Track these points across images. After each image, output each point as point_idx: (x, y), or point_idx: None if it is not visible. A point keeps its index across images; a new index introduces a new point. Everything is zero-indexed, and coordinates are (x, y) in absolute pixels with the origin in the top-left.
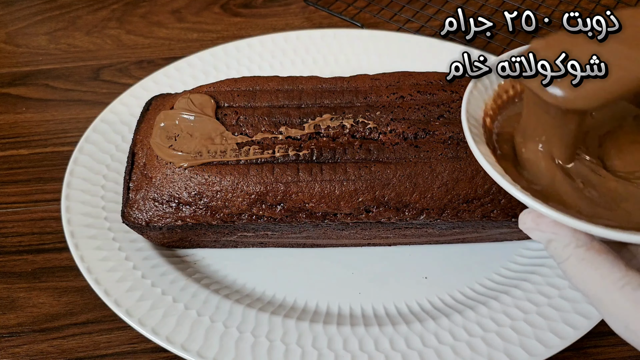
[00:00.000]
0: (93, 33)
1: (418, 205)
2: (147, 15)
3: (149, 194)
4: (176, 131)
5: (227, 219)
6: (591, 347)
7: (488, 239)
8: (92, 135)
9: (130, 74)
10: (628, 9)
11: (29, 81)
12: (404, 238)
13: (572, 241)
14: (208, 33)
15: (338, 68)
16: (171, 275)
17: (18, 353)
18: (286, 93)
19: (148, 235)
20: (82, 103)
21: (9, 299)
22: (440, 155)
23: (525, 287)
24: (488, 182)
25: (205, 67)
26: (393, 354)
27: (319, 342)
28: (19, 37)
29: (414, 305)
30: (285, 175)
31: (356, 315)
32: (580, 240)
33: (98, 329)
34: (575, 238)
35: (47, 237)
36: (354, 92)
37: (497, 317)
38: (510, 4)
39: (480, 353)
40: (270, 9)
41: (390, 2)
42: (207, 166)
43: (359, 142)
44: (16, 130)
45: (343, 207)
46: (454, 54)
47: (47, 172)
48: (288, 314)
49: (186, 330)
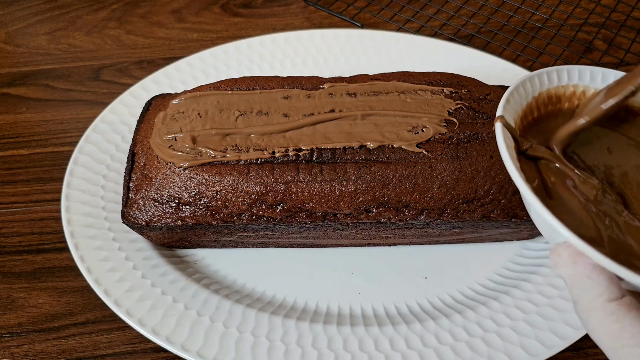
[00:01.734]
0: (93, 33)
1: (418, 205)
2: (147, 15)
3: (149, 194)
4: (176, 131)
5: (227, 219)
6: (591, 347)
7: (488, 239)
8: (92, 135)
9: (130, 74)
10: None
11: (29, 81)
12: (404, 238)
13: (605, 292)
14: (208, 33)
15: (338, 68)
16: (171, 275)
17: (18, 353)
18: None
19: (148, 235)
20: (82, 103)
21: (9, 299)
22: (440, 156)
23: (525, 287)
24: (488, 183)
25: (205, 67)
26: (393, 354)
27: (319, 342)
28: (19, 37)
29: (414, 305)
30: (285, 175)
31: (356, 315)
32: (613, 292)
33: (98, 329)
34: (608, 290)
35: (47, 237)
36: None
37: (497, 317)
38: (510, 4)
39: (480, 353)
40: (270, 9)
41: (390, 2)
42: (207, 166)
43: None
44: (16, 130)
45: (343, 207)
46: (454, 54)
47: (47, 172)
48: (288, 314)
49: (186, 330)
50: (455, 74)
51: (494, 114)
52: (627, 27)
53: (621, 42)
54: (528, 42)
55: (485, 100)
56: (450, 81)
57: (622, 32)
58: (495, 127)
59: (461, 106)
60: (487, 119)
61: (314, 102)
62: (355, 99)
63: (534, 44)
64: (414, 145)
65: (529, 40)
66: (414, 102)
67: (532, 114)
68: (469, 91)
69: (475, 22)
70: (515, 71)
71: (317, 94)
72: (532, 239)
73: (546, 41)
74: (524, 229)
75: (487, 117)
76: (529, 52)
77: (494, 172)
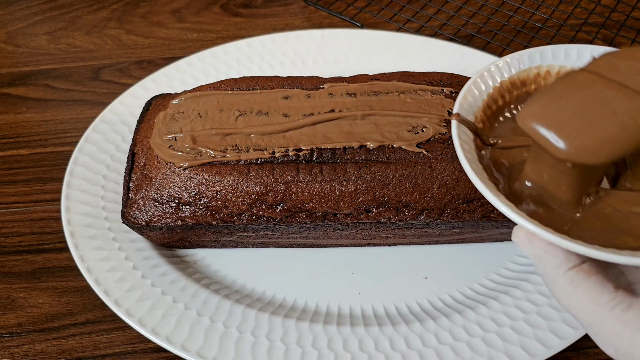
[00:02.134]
0: (93, 33)
1: (418, 205)
2: (147, 15)
3: (149, 194)
4: (176, 131)
5: (227, 219)
6: (591, 347)
7: (488, 239)
8: (92, 135)
9: (130, 74)
10: None
11: (29, 81)
12: (404, 238)
13: (563, 262)
14: (208, 33)
15: (338, 68)
16: (171, 275)
17: (18, 353)
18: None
19: (148, 235)
20: (82, 103)
21: (9, 299)
22: (440, 156)
23: (525, 287)
24: None
25: (205, 67)
26: (393, 354)
27: (319, 342)
28: (19, 37)
29: (414, 305)
30: (285, 175)
31: (356, 315)
32: (571, 261)
33: (98, 329)
34: (566, 259)
35: (47, 237)
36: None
37: (497, 317)
38: (510, 4)
39: (480, 353)
40: (270, 9)
41: (390, 2)
42: (207, 166)
43: (358, 143)
44: (16, 130)
45: (343, 207)
46: (454, 54)
47: (47, 172)
48: (288, 314)
49: (186, 330)
50: (455, 74)
51: None
52: (627, 27)
53: (621, 42)
54: (528, 42)
55: None
56: (450, 81)
57: (622, 32)
58: (451, 125)
59: None
60: None
61: (314, 102)
62: (355, 99)
63: (534, 44)
64: (414, 145)
65: (529, 40)
66: (414, 102)
67: (495, 102)
68: None
69: (475, 22)
70: None
71: (317, 94)
72: None
73: (546, 41)
74: None
75: None
76: None
77: None
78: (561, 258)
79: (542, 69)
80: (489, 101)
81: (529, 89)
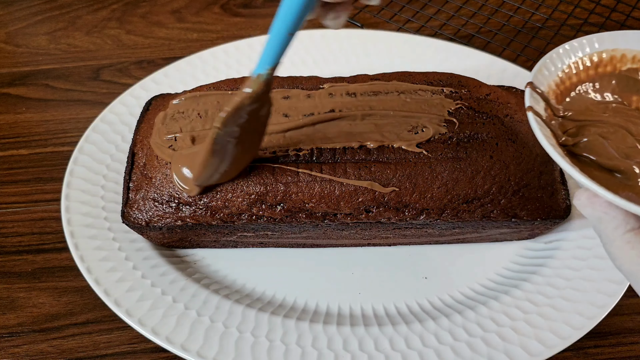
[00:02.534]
0: (93, 33)
1: (418, 205)
2: (147, 15)
3: (149, 194)
4: (176, 131)
5: (227, 219)
6: (591, 347)
7: (488, 239)
8: (92, 135)
9: (130, 74)
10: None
11: (29, 81)
12: (404, 238)
13: (622, 224)
14: (208, 33)
15: (338, 68)
16: (171, 275)
17: (18, 353)
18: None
19: (148, 235)
20: (82, 103)
21: (9, 299)
22: (440, 156)
23: (525, 287)
24: (488, 183)
25: (205, 67)
26: (393, 354)
27: (319, 342)
28: (19, 37)
29: (414, 305)
30: (285, 175)
31: (356, 315)
32: (629, 224)
33: (98, 329)
34: (625, 222)
35: (47, 237)
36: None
37: (497, 317)
38: (510, 4)
39: (480, 353)
40: (270, 9)
41: (390, 2)
42: None
43: (358, 143)
44: (16, 130)
45: (343, 207)
46: (454, 54)
47: (47, 172)
48: (288, 314)
49: (186, 330)
50: (455, 74)
51: (494, 114)
52: (627, 27)
53: None
54: (528, 42)
55: (485, 100)
56: (450, 81)
57: None
58: (525, 93)
59: (461, 106)
60: (487, 118)
61: (314, 102)
62: (355, 99)
63: (534, 44)
64: (413, 145)
65: (529, 40)
66: (414, 102)
67: (570, 79)
68: (469, 91)
69: (475, 22)
70: (515, 71)
71: (317, 94)
72: (532, 239)
73: (546, 41)
74: (524, 229)
75: (487, 117)
76: (529, 52)
77: (494, 172)
78: (620, 220)
79: (618, 52)
80: (564, 77)
81: (605, 70)
